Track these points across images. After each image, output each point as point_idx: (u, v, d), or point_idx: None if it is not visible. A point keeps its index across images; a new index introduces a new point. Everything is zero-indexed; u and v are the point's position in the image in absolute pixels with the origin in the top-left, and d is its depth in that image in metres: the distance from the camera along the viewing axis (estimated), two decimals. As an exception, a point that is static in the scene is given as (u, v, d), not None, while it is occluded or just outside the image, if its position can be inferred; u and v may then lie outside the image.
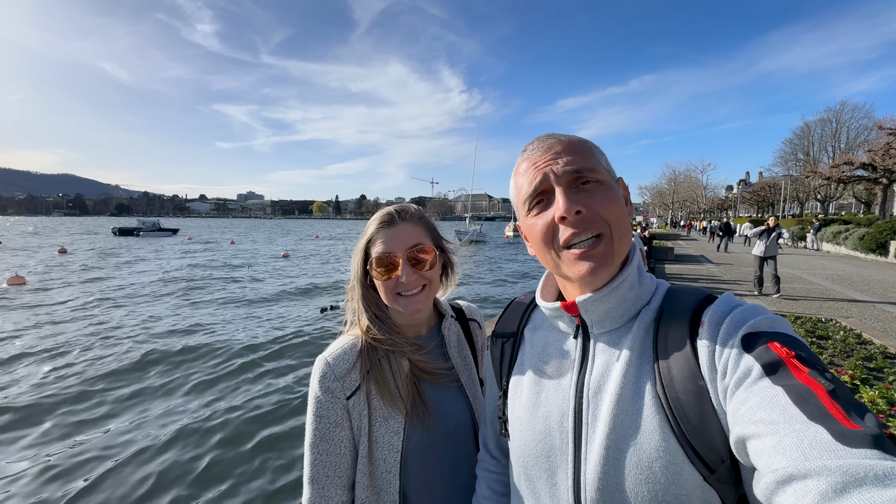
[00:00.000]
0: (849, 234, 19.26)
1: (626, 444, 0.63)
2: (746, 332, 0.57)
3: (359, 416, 0.99)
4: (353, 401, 0.99)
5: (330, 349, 1.05)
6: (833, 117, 46.81)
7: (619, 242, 0.68)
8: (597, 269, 0.67)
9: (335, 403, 0.98)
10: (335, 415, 0.98)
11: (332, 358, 1.01)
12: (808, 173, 34.00)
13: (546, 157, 0.70)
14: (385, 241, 1.00)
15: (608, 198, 0.68)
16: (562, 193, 0.67)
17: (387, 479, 0.98)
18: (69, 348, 7.89)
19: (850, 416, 0.44)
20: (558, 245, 0.69)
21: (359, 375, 1.01)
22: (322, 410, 0.98)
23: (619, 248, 0.69)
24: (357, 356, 1.02)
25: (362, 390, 1.00)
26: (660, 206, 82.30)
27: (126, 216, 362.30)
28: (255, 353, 7.69)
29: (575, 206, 0.66)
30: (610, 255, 0.68)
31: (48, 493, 3.95)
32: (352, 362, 1.01)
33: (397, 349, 1.03)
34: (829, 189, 41.33)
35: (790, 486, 0.42)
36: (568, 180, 0.68)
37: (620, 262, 0.71)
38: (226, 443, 4.78)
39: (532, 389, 0.78)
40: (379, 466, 0.98)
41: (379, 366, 1.02)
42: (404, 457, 0.98)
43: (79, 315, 10.46)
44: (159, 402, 5.81)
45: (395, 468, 0.98)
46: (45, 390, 6.03)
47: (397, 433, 0.99)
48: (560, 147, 0.70)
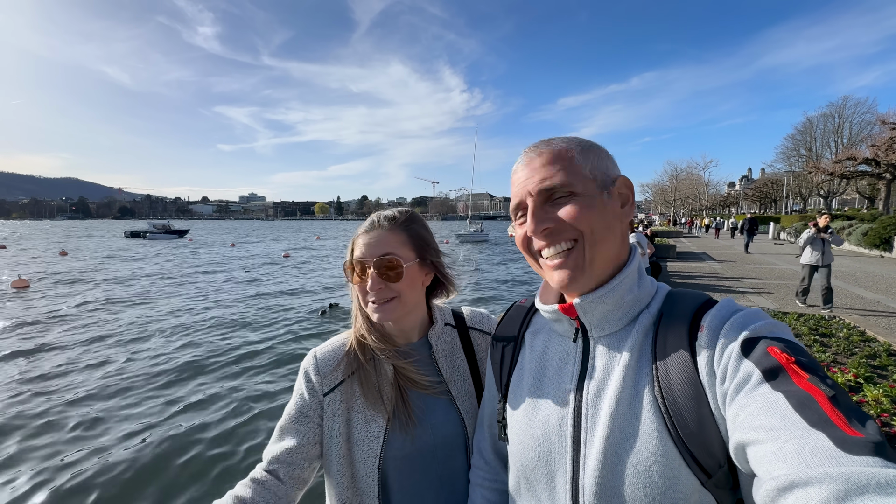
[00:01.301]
0: (852, 229, 19.16)
1: (624, 448, 0.63)
2: (746, 337, 0.57)
3: (332, 414, 1.00)
4: (329, 398, 1.01)
5: (323, 344, 1.09)
6: (835, 112, 46.45)
7: (592, 250, 0.69)
8: (572, 277, 0.70)
9: (312, 396, 1.01)
10: (308, 408, 1.01)
11: (321, 353, 1.05)
12: (810, 169, 33.90)
13: (525, 173, 0.73)
14: (360, 245, 1.01)
15: (580, 206, 0.69)
16: (531, 213, 0.71)
17: (366, 482, 0.97)
18: (84, 347, 7.93)
19: (851, 422, 0.44)
20: (535, 253, 0.75)
21: (341, 374, 1.03)
22: (299, 399, 1.02)
23: (595, 255, 0.69)
24: (344, 355, 1.05)
25: (341, 389, 1.02)
26: (661, 203, 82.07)
27: (129, 219, 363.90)
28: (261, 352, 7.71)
29: (542, 224, 0.70)
30: (581, 265, 0.69)
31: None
32: (337, 360, 1.04)
33: (383, 354, 1.03)
34: (832, 185, 41.16)
35: (792, 494, 0.41)
36: (537, 197, 0.71)
37: (602, 266, 0.71)
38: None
39: (531, 393, 0.78)
40: (359, 469, 0.98)
41: (365, 367, 1.03)
42: (383, 463, 0.98)
43: (84, 316, 10.51)
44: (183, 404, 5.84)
45: (374, 473, 0.97)
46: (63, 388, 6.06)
47: (377, 437, 0.98)
48: (538, 161, 0.72)
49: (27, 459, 4.53)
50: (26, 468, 4.38)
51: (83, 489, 4.05)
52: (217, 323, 10.04)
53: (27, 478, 4.21)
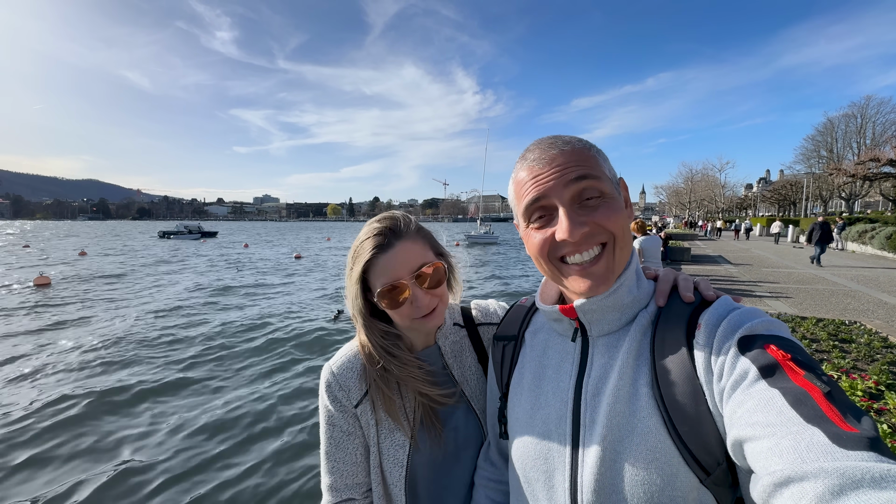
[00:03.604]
0: (875, 233, 18.58)
1: (623, 446, 0.63)
2: (743, 335, 0.58)
3: (367, 424, 0.98)
4: (361, 409, 0.97)
5: (335, 357, 1.02)
6: (858, 112, 45.35)
7: (620, 254, 0.69)
8: (597, 285, 0.68)
9: (343, 412, 0.97)
10: (346, 423, 0.97)
11: (337, 367, 0.99)
12: (831, 171, 33.02)
13: (548, 171, 0.67)
14: (386, 267, 0.89)
15: (611, 209, 0.68)
16: (565, 215, 0.66)
17: (394, 492, 0.97)
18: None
19: (846, 418, 0.44)
20: (556, 259, 0.70)
21: (364, 384, 0.98)
22: (332, 419, 0.97)
23: (620, 260, 0.70)
24: (362, 364, 0.99)
25: (368, 399, 0.98)
26: (676, 205, 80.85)
27: (147, 220, 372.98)
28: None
29: (579, 228, 0.65)
30: (611, 270, 0.69)
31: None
32: (357, 371, 0.99)
33: (410, 383, 0.97)
34: (854, 187, 40.02)
35: (787, 489, 0.42)
36: (571, 197, 0.67)
37: (621, 270, 0.71)
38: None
39: (531, 392, 0.79)
40: (387, 478, 0.97)
41: (379, 383, 0.97)
42: (411, 471, 0.96)
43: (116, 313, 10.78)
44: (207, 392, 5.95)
45: (401, 483, 0.95)
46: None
47: (402, 446, 0.96)
48: (562, 159, 0.67)
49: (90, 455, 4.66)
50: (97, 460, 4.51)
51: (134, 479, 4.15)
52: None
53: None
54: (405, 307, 0.91)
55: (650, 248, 7.08)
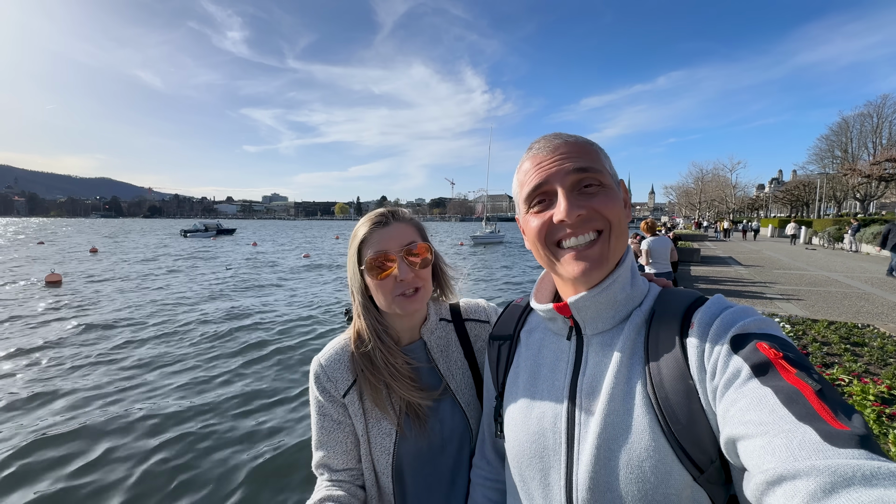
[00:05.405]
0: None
1: (617, 444, 0.64)
2: (735, 334, 0.58)
3: (355, 413, 1.01)
4: (349, 399, 1.01)
5: (324, 350, 1.07)
6: (874, 112, 44.34)
7: (616, 243, 0.70)
8: (591, 269, 0.69)
9: (332, 402, 1.01)
10: (335, 412, 1.01)
11: (325, 359, 1.04)
12: (846, 171, 32.48)
13: (551, 158, 0.71)
14: (379, 240, 0.99)
15: (609, 198, 0.70)
16: (564, 196, 0.69)
17: (382, 479, 1.00)
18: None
19: (837, 416, 0.45)
20: (553, 243, 0.72)
21: (351, 374, 1.02)
22: (322, 409, 1.02)
23: (615, 248, 0.71)
24: (350, 356, 1.04)
25: (356, 388, 1.02)
26: (686, 206, 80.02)
27: (158, 218, 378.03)
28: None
29: (576, 210, 0.68)
30: (605, 256, 0.70)
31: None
32: (344, 362, 1.03)
33: (396, 380, 1.01)
34: (869, 187, 39.25)
35: (780, 487, 0.42)
36: (572, 182, 0.70)
37: (615, 262, 0.72)
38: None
39: (527, 390, 0.79)
40: (376, 465, 1.00)
41: (367, 373, 1.01)
42: (397, 459, 0.99)
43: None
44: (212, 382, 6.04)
45: (388, 470, 0.99)
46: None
47: (389, 435, 1.00)
48: (566, 148, 0.71)
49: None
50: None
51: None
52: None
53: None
54: (389, 281, 0.98)
55: (659, 249, 6.98)
